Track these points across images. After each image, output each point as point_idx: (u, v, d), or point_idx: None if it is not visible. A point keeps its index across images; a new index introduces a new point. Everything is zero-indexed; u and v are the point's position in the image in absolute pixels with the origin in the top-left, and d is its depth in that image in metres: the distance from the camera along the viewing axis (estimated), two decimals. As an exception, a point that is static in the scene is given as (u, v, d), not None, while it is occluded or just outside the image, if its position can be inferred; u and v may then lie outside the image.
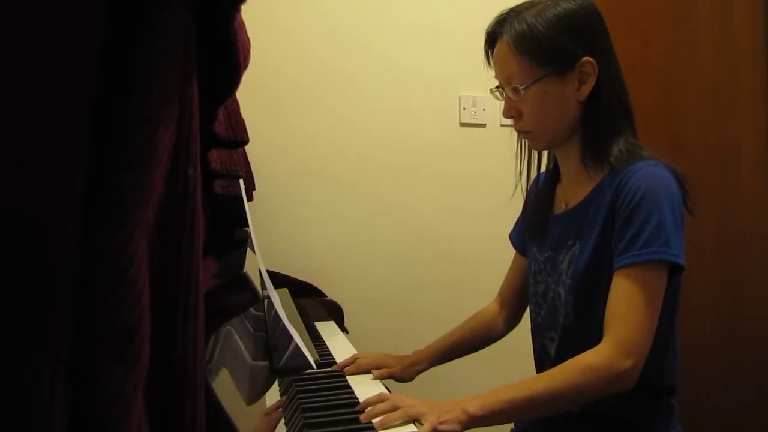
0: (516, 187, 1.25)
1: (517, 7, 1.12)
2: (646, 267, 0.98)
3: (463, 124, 2.09)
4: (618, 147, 1.07)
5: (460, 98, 2.08)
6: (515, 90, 1.10)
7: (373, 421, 0.92)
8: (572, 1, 1.09)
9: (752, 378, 2.11)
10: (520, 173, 1.24)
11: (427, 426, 0.89)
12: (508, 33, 1.09)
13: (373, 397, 0.99)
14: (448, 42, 2.05)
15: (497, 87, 1.17)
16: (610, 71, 1.09)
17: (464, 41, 2.02)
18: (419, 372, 1.29)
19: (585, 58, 1.07)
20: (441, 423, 0.90)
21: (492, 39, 1.14)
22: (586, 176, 1.11)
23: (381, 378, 1.19)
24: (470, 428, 0.93)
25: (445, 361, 1.35)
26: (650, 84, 2.16)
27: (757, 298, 2.13)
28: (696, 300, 2.09)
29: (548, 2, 1.10)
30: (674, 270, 1.02)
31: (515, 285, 1.37)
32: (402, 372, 1.26)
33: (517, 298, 1.37)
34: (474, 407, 0.93)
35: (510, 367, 1.54)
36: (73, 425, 0.31)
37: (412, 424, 0.92)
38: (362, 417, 0.93)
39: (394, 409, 0.93)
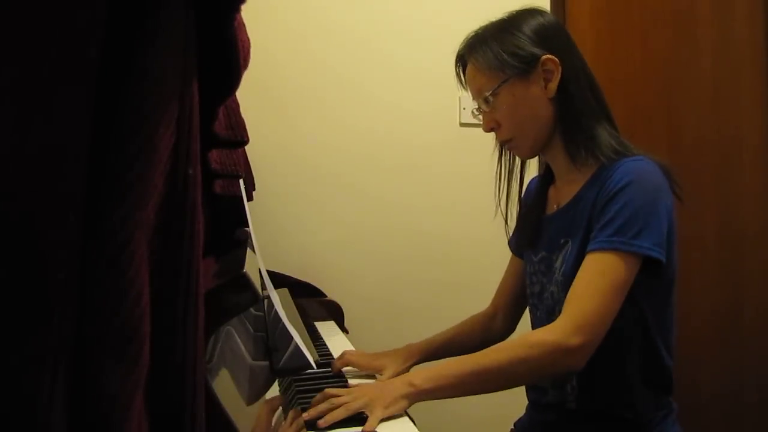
0: (497, 209, 1.27)
1: (481, 28, 1.18)
2: (613, 254, 1.00)
3: (463, 124, 2.09)
4: (602, 138, 1.09)
5: (460, 98, 2.08)
6: (486, 100, 1.14)
7: (319, 421, 0.89)
8: (533, 17, 1.14)
9: (752, 378, 2.11)
10: (499, 198, 1.27)
11: (371, 421, 0.88)
12: (473, 53, 1.16)
13: (318, 396, 0.96)
14: (448, 42, 2.04)
15: (477, 108, 1.20)
16: (575, 67, 1.12)
17: (464, 41, 2.01)
18: (410, 367, 1.25)
19: (546, 57, 1.10)
20: (387, 408, 0.91)
21: (462, 63, 1.22)
22: (576, 173, 1.13)
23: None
24: (418, 401, 0.95)
25: (439, 358, 1.31)
26: (650, 84, 2.16)
27: (757, 298, 2.13)
28: (696, 300, 2.09)
29: (509, 18, 1.16)
30: (653, 264, 1.02)
31: (510, 290, 1.36)
32: (396, 371, 1.20)
33: (512, 303, 1.36)
34: (420, 380, 0.95)
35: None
36: (73, 425, 0.31)
37: (407, 417, 0.92)
38: (304, 416, 0.91)
39: (336, 407, 0.91)
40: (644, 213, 1.00)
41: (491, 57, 1.12)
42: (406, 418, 0.94)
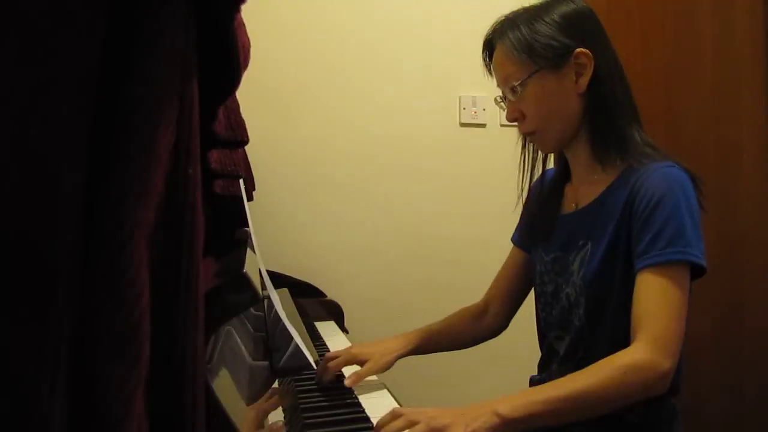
0: (518, 199, 1.25)
1: (512, 13, 1.14)
2: (670, 266, 0.97)
3: (463, 124, 2.09)
4: (632, 140, 1.06)
5: (460, 98, 2.08)
6: (513, 89, 1.10)
7: None
8: (565, 4, 1.10)
9: (753, 379, 2.11)
10: (522, 187, 1.23)
11: None
12: (502, 38, 1.11)
13: (386, 416, 0.87)
14: (448, 42, 2.05)
15: (500, 96, 1.17)
16: (608, 62, 1.09)
17: (464, 41, 2.01)
18: (393, 361, 1.17)
19: (579, 50, 1.07)
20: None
21: (489, 47, 1.16)
22: (600, 173, 1.10)
23: (354, 384, 1.09)
24: None
25: (423, 352, 1.25)
26: (650, 84, 2.16)
27: (757, 299, 2.13)
28: (696, 300, 2.08)
29: (541, 4, 1.11)
30: (694, 273, 1.01)
31: (507, 283, 1.33)
32: (375, 365, 1.14)
33: (507, 298, 1.32)
34: (507, 409, 0.85)
35: (514, 368, 1.54)
36: (73, 425, 0.31)
37: None
38: None
39: (412, 424, 0.83)
40: (689, 222, 0.98)
41: (523, 45, 1.07)
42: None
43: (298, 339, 0.95)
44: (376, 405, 0.99)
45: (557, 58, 1.07)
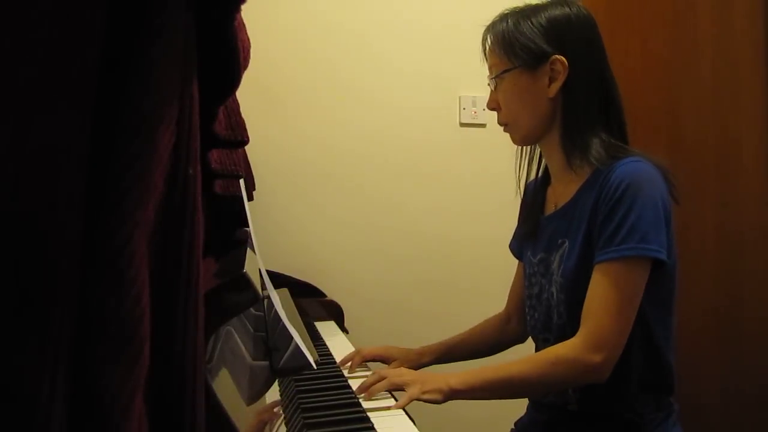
0: (517, 190, 1.29)
1: (516, 7, 1.17)
2: (624, 263, 1.00)
3: (463, 124, 2.09)
4: (595, 147, 1.09)
5: (460, 98, 2.08)
6: (493, 80, 1.17)
7: (362, 393, 1.01)
8: (561, 8, 1.12)
9: (752, 378, 2.11)
10: (519, 177, 1.28)
11: (407, 395, 0.98)
12: (493, 29, 1.16)
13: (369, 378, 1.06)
14: (448, 42, 2.05)
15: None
16: (587, 73, 1.10)
17: (464, 41, 2.01)
18: (423, 365, 1.30)
19: (556, 56, 1.10)
20: (424, 392, 0.99)
21: (486, 37, 1.21)
22: (573, 175, 1.13)
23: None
24: (450, 400, 1.02)
25: (453, 359, 1.35)
26: (650, 84, 2.16)
27: (756, 298, 2.13)
28: (696, 300, 2.09)
29: (538, 5, 1.14)
30: (658, 265, 1.02)
31: (521, 295, 1.34)
32: (403, 364, 1.26)
33: (524, 307, 1.35)
34: (456, 382, 1.01)
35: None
36: (73, 425, 0.31)
37: (406, 416, 0.94)
38: (356, 391, 1.02)
39: (381, 379, 1.02)
40: (647, 216, 1.00)
41: (505, 42, 1.13)
42: (405, 417, 0.95)
43: (298, 339, 0.95)
44: (376, 405, 0.99)
45: (533, 60, 1.11)
